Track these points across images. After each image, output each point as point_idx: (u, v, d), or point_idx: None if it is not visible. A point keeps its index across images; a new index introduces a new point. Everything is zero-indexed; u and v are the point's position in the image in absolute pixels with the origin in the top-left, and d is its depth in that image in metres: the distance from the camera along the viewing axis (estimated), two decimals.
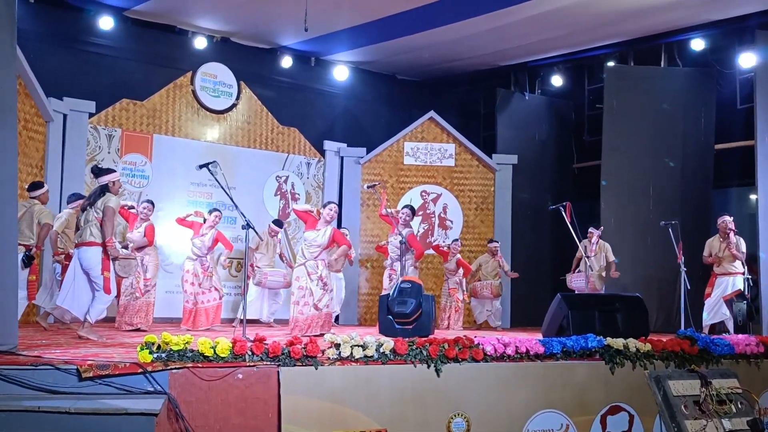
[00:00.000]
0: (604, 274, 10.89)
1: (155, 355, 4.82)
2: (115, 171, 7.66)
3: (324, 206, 8.82)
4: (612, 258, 10.96)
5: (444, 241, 12.95)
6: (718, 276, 10.05)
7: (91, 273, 7.19)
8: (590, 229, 11.07)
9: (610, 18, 11.03)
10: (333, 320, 8.90)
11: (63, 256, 8.86)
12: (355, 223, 12.85)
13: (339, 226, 11.87)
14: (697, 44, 11.90)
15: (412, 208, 9.88)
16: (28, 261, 8.29)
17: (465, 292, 11.67)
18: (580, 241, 9.91)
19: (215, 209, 10.07)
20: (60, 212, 9.56)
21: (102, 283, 7.15)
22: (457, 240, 12.01)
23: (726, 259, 9.93)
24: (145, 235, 9.29)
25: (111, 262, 7.31)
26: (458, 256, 11.59)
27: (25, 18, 9.72)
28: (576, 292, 10.80)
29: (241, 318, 7.19)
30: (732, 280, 9.91)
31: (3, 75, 5.46)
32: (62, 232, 8.99)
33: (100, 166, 7.84)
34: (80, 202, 8.95)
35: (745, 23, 11.06)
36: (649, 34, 11.93)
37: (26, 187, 8.97)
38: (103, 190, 7.39)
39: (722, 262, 9.97)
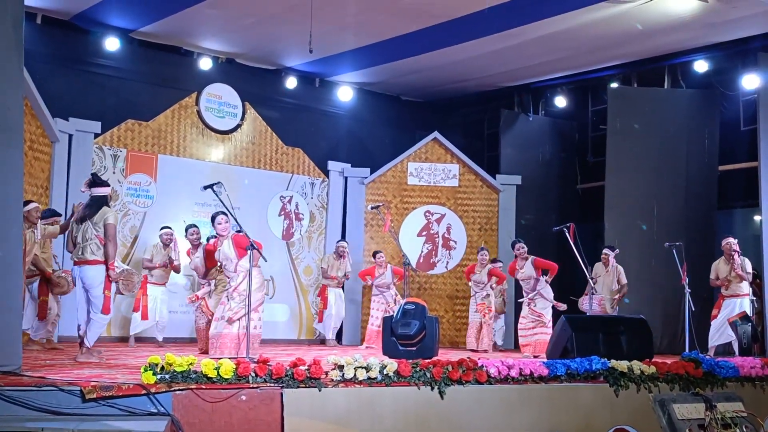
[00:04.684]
0: (616, 297, 10.79)
1: (159, 377, 4.79)
2: (109, 185, 7.39)
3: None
4: (624, 281, 10.79)
5: (447, 262, 12.97)
6: (726, 298, 10.02)
7: (91, 291, 6.95)
8: (605, 251, 10.99)
9: (614, 40, 11.07)
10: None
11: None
12: (358, 243, 12.85)
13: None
14: (701, 66, 11.91)
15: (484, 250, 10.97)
16: None
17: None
18: (585, 263, 9.85)
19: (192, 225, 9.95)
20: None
21: (102, 303, 6.94)
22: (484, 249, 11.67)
23: (734, 281, 9.92)
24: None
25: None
26: (489, 265, 11.45)
27: (32, 39, 9.78)
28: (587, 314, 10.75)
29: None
30: (739, 302, 9.87)
31: (10, 96, 5.49)
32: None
33: (99, 175, 7.56)
34: (55, 218, 8.72)
35: (748, 45, 11.12)
36: (653, 55, 11.95)
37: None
38: (102, 203, 7.06)
39: (730, 285, 9.95)
